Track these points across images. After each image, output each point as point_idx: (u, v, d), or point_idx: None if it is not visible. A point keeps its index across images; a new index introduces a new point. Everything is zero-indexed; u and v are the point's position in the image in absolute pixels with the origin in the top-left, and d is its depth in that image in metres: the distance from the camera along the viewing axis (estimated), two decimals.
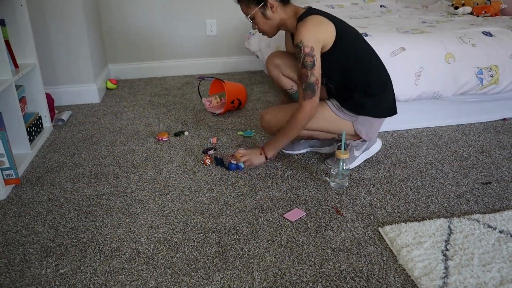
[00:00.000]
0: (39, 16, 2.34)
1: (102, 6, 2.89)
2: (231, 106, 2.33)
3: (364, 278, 1.16)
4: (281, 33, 2.56)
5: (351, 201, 1.52)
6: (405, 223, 1.37)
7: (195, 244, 1.30)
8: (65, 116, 2.28)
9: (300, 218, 1.42)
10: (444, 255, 1.22)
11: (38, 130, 2.04)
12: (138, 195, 1.57)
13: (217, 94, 2.48)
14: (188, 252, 1.26)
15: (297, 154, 1.86)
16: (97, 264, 1.22)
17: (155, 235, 1.34)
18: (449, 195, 1.56)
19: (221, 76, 3.14)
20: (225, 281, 1.15)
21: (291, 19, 1.59)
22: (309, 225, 1.38)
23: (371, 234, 1.34)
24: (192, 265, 1.21)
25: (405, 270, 1.19)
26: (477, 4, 2.88)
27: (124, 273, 1.18)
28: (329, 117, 1.66)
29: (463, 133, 2.09)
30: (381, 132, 2.11)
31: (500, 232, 1.32)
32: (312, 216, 1.43)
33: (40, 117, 2.07)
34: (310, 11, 1.56)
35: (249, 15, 1.58)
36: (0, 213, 1.46)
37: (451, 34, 2.04)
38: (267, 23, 1.60)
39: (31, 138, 1.93)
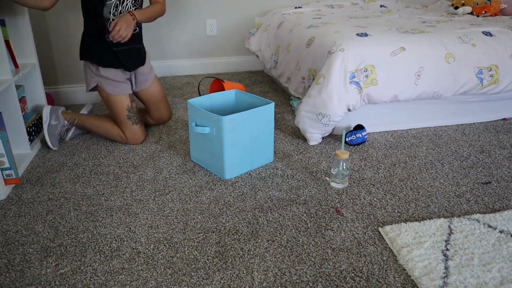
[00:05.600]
0: (39, 16, 2.34)
1: None
2: None
3: (364, 278, 1.16)
4: (280, 34, 2.57)
5: (351, 201, 1.52)
6: (405, 223, 1.37)
7: (195, 244, 1.30)
8: None
9: None
10: (444, 255, 1.22)
11: (38, 130, 2.04)
12: (138, 195, 1.57)
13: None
14: (188, 252, 1.26)
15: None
16: (97, 264, 1.22)
17: (155, 235, 1.34)
18: (449, 195, 1.56)
19: (221, 76, 3.14)
20: (225, 281, 1.15)
21: None
22: (309, 225, 1.38)
23: (371, 234, 1.34)
24: (192, 265, 1.21)
25: (405, 270, 1.19)
26: (477, 4, 2.88)
27: (124, 273, 1.18)
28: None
29: (463, 133, 2.09)
30: (381, 132, 2.11)
31: (500, 232, 1.32)
32: (312, 216, 1.43)
33: (40, 117, 2.07)
34: None
35: None
36: (0, 213, 1.46)
37: (451, 34, 2.04)
38: None
39: (31, 138, 1.93)
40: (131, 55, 1.90)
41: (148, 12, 1.86)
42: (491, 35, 2.06)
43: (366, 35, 1.97)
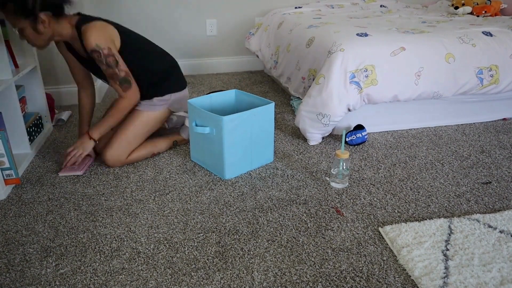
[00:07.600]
0: None
1: (101, 6, 2.89)
2: None
3: (364, 278, 1.16)
4: (280, 34, 2.57)
5: (351, 201, 1.52)
6: (405, 223, 1.37)
7: (195, 244, 1.30)
8: (65, 116, 2.28)
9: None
10: (445, 255, 1.22)
11: (38, 130, 2.04)
12: (138, 195, 1.57)
13: None
14: (188, 252, 1.26)
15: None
16: (97, 264, 1.22)
17: (155, 235, 1.34)
18: (449, 195, 1.56)
19: (221, 75, 3.14)
20: (225, 281, 1.15)
21: (67, 29, 1.59)
22: (309, 225, 1.38)
23: (371, 234, 1.34)
24: (192, 265, 1.21)
25: (405, 270, 1.19)
26: (477, 4, 2.88)
27: (124, 273, 1.18)
28: (149, 120, 1.81)
29: (463, 133, 2.09)
30: (381, 132, 2.11)
31: (501, 232, 1.32)
32: (312, 216, 1.43)
33: (40, 117, 2.07)
34: (88, 18, 1.62)
35: (17, 28, 1.50)
36: (0, 213, 1.46)
37: (451, 34, 2.04)
38: (38, 37, 1.54)
39: (31, 138, 1.93)
40: None
41: (110, 120, 1.68)
42: (491, 35, 2.06)
43: (366, 35, 1.97)
